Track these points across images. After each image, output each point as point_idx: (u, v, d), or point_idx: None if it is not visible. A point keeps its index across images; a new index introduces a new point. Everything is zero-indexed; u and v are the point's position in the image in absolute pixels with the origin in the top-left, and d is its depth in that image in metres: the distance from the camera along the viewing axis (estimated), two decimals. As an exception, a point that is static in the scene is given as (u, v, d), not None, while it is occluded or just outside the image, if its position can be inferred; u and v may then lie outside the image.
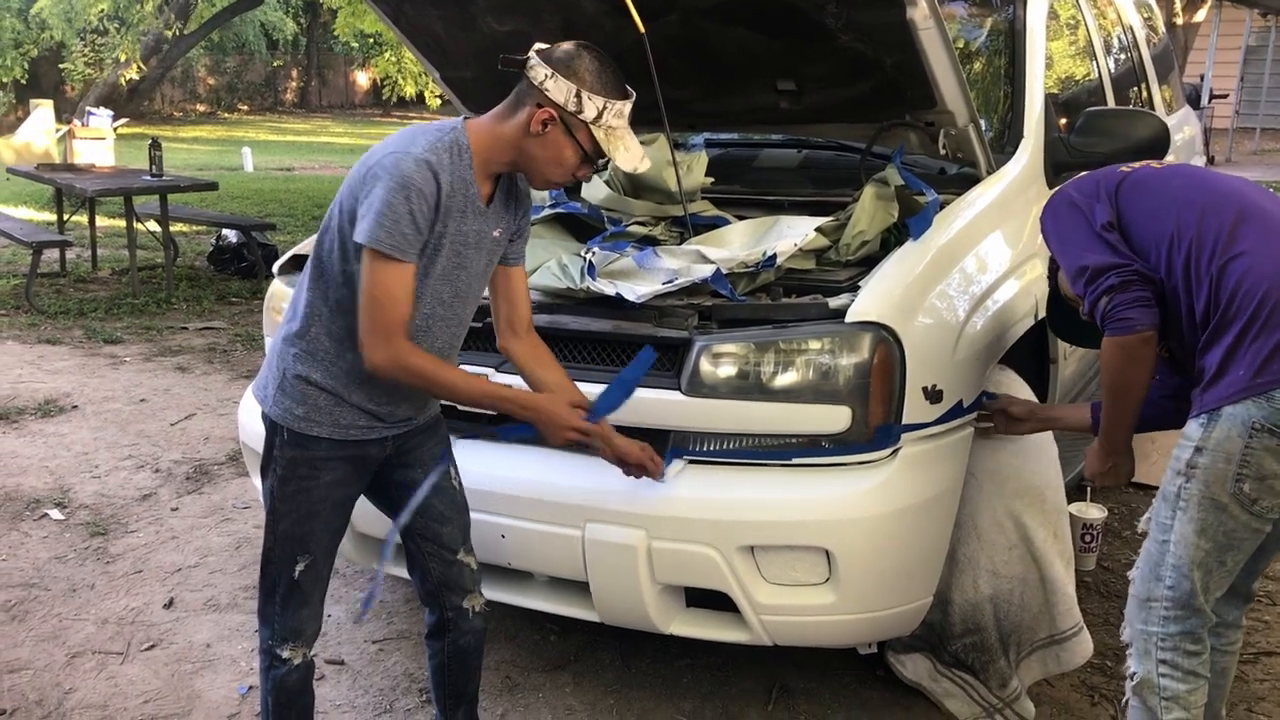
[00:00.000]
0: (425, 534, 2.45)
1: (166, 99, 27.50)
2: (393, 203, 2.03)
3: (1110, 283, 2.19)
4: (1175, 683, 2.23)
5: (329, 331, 2.21)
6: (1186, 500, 2.17)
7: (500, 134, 2.18)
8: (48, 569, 3.76)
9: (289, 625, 2.37)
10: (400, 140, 2.12)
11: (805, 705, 2.96)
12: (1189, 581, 2.19)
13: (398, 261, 2.07)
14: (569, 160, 2.19)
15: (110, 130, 10.06)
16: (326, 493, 2.29)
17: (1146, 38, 5.22)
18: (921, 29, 2.70)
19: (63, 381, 5.85)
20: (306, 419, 2.23)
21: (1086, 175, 2.45)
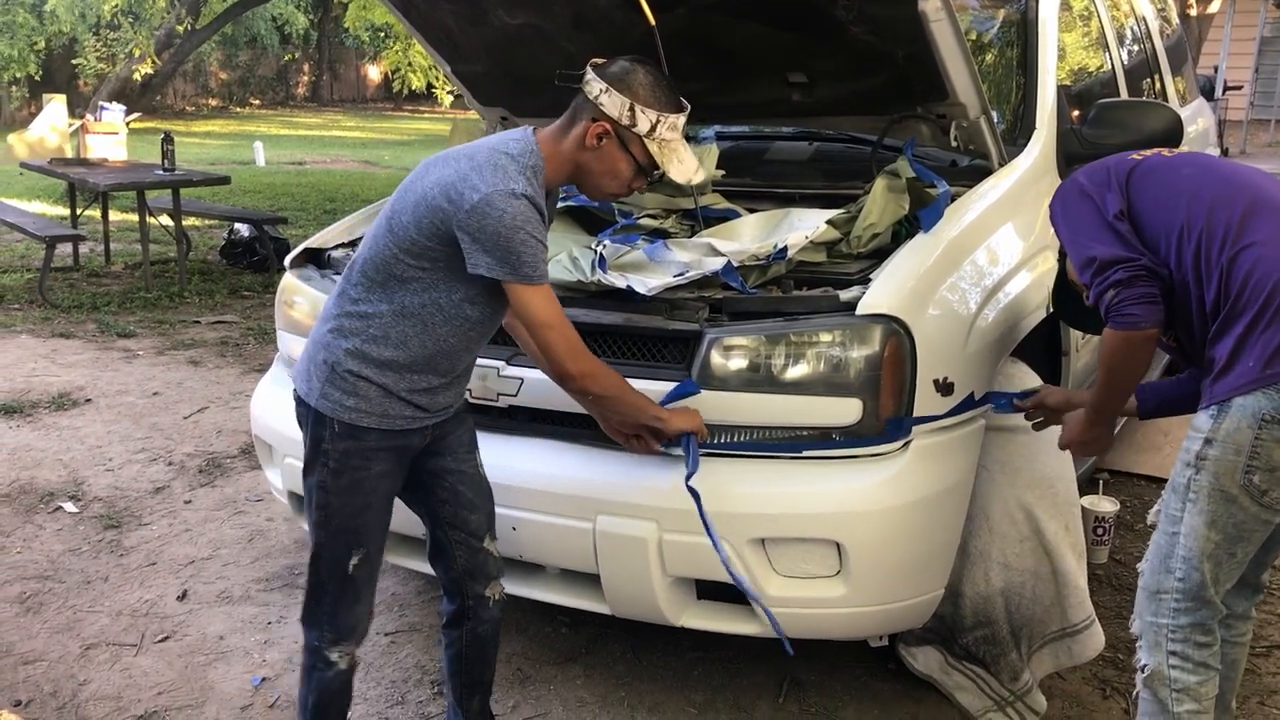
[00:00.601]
0: (453, 521, 2.47)
1: (178, 93, 27.58)
2: (523, 239, 2.10)
3: (1118, 277, 2.18)
4: (1186, 674, 2.23)
5: (388, 334, 2.23)
6: (1196, 492, 2.16)
7: (560, 150, 2.24)
8: (62, 561, 3.78)
9: (342, 624, 2.37)
10: (494, 172, 2.13)
11: (816, 698, 2.96)
12: (1199, 573, 2.19)
13: (545, 284, 2.17)
14: (624, 173, 2.26)
15: (123, 125, 10.12)
16: (377, 484, 2.31)
17: (1160, 29, 5.20)
18: (933, 21, 2.68)
19: (76, 375, 5.87)
20: (357, 410, 2.24)
21: (1098, 163, 2.43)
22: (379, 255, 2.24)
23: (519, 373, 2.67)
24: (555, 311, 2.20)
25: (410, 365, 2.25)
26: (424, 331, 2.24)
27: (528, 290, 2.15)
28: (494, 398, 2.71)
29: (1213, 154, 5.92)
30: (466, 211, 2.10)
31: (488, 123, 4.08)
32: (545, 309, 2.18)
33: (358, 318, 2.25)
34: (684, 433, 2.43)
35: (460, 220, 2.11)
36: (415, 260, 2.19)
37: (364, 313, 2.24)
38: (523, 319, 2.22)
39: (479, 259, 2.13)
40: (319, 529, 2.32)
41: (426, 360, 2.26)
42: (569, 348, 2.21)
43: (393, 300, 2.23)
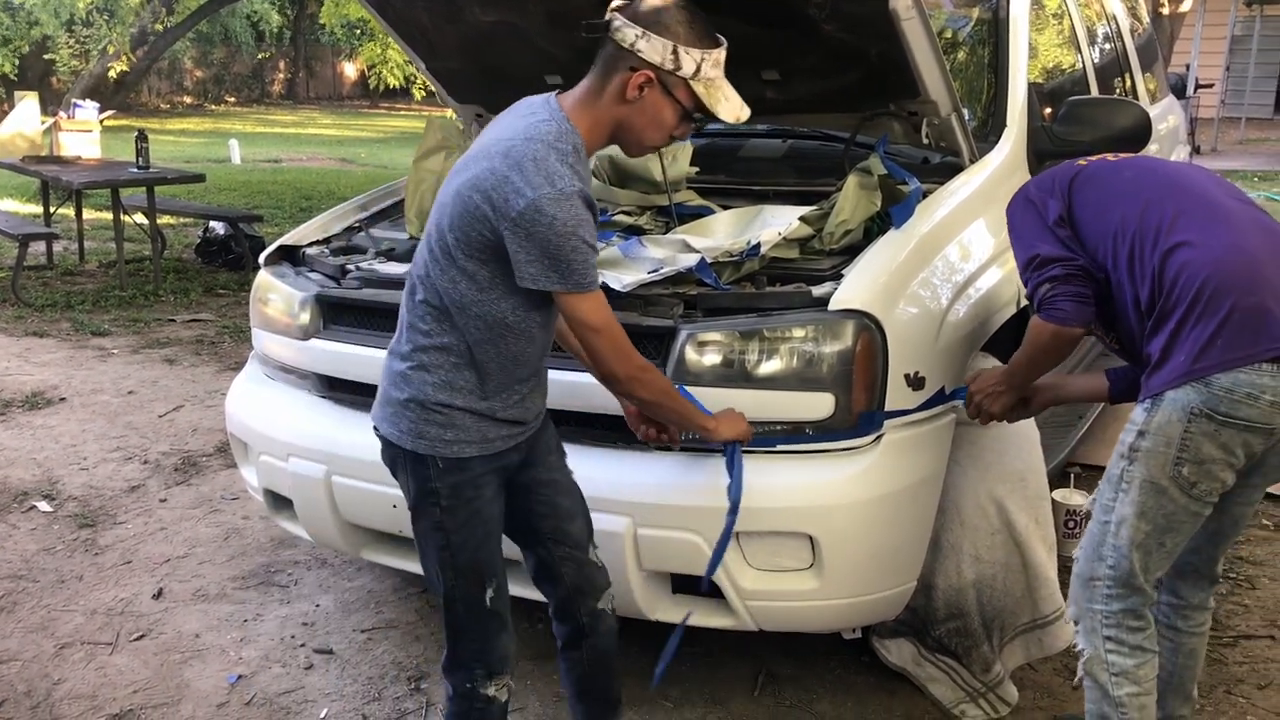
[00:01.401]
0: (556, 535, 2.34)
1: (153, 91, 27.39)
2: (574, 245, 1.96)
3: (1054, 273, 2.29)
4: (1122, 658, 2.28)
5: (469, 362, 2.11)
6: (1128, 482, 2.22)
7: (596, 113, 2.08)
8: (36, 561, 3.76)
9: (494, 657, 2.25)
10: (535, 169, 1.95)
11: (791, 691, 2.99)
12: (1128, 561, 2.24)
13: (597, 290, 2.04)
14: (668, 121, 2.10)
15: (96, 122, 10.02)
16: (490, 510, 2.20)
17: (1130, 27, 5.25)
18: (904, 19, 2.71)
19: (50, 374, 5.84)
20: (458, 441, 2.12)
21: (1046, 172, 2.51)
22: (435, 282, 2.09)
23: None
24: (605, 315, 2.07)
25: (498, 387, 2.13)
26: (500, 353, 2.11)
27: (576, 298, 2.02)
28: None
29: (1182, 152, 5.98)
30: (512, 219, 1.95)
31: (463, 120, 4.08)
32: (594, 313, 2.04)
33: (434, 351, 2.11)
34: (730, 441, 2.37)
35: (506, 227, 1.96)
36: (471, 279, 2.05)
37: (439, 345, 2.10)
38: (571, 324, 2.09)
39: (525, 270, 1.98)
40: (446, 570, 2.18)
41: (511, 376, 2.15)
42: (617, 351, 2.09)
43: (461, 328, 2.09)
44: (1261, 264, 2.14)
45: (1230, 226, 2.20)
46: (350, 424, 2.94)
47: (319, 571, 3.69)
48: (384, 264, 3.14)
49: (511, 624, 2.29)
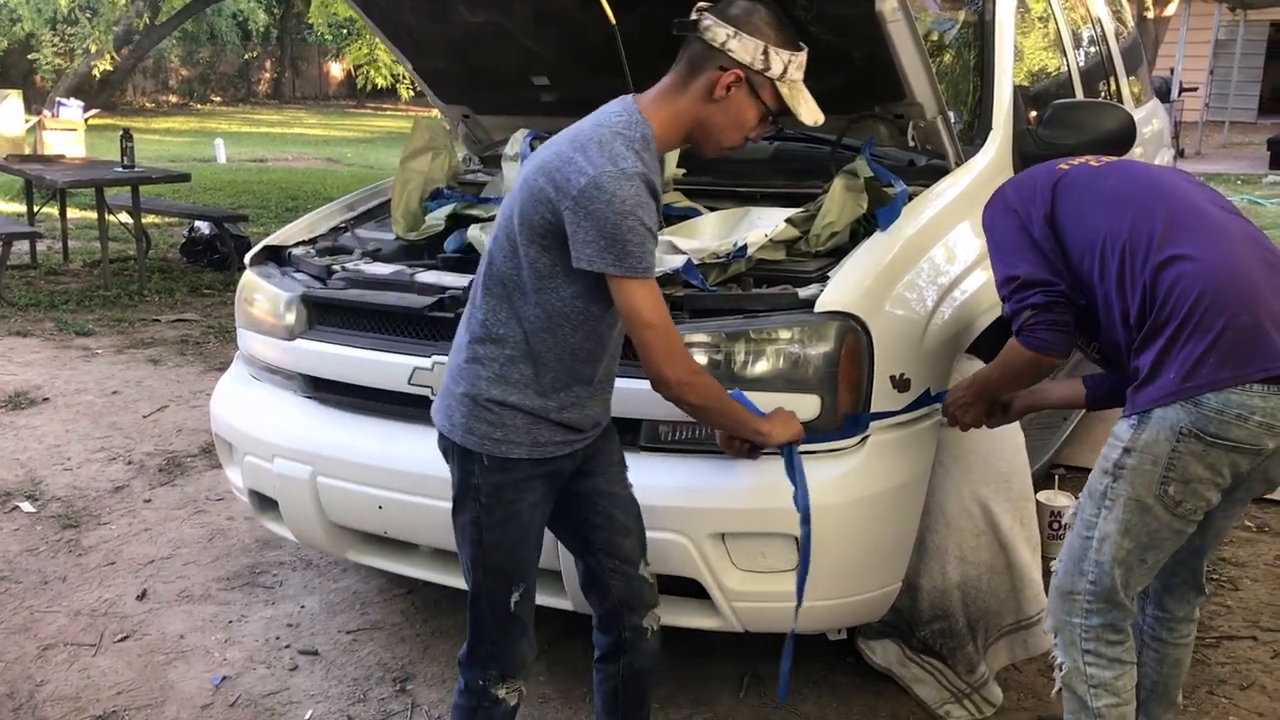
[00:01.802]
0: (609, 549, 2.32)
1: (138, 90, 27.29)
2: (630, 226, 1.93)
3: (1036, 300, 2.24)
4: (1101, 670, 2.27)
5: (526, 354, 2.09)
6: (1113, 500, 2.19)
7: (676, 110, 2.08)
8: (19, 561, 3.74)
9: (510, 661, 2.24)
10: (599, 151, 1.96)
11: (776, 691, 2.99)
12: (1110, 578, 2.22)
13: (651, 279, 2.00)
14: (750, 122, 2.11)
15: (81, 121, 9.96)
16: (531, 515, 2.18)
17: (1115, 31, 5.27)
18: (890, 22, 2.72)
19: (34, 374, 5.81)
20: (506, 441, 2.10)
21: (1025, 175, 2.46)
22: (498, 269, 2.09)
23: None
24: (659, 310, 2.01)
25: (555, 383, 2.11)
26: (558, 344, 2.08)
27: (630, 284, 1.97)
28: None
29: (1166, 155, 6.01)
30: (573, 197, 1.94)
31: (450, 120, 4.08)
32: (648, 305, 2.00)
33: (490, 342, 2.10)
34: (786, 443, 2.31)
35: (566, 206, 1.95)
36: (531, 265, 2.04)
37: (496, 335, 2.09)
38: (622, 315, 2.04)
39: (581, 250, 1.96)
40: (476, 567, 2.18)
41: (568, 372, 2.12)
42: (669, 351, 2.04)
43: (520, 316, 2.07)
44: (1255, 282, 2.10)
45: (1223, 239, 2.16)
46: (336, 425, 2.94)
47: (304, 573, 3.68)
48: (370, 264, 3.14)
49: (533, 632, 2.28)
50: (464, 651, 2.27)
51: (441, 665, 3.11)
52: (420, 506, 2.76)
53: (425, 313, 2.78)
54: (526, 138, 3.40)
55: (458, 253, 3.15)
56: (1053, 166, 2.41)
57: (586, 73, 3.53)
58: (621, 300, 2.00)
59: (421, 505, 2.75)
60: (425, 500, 2.74)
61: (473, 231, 3.06)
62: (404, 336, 2.85)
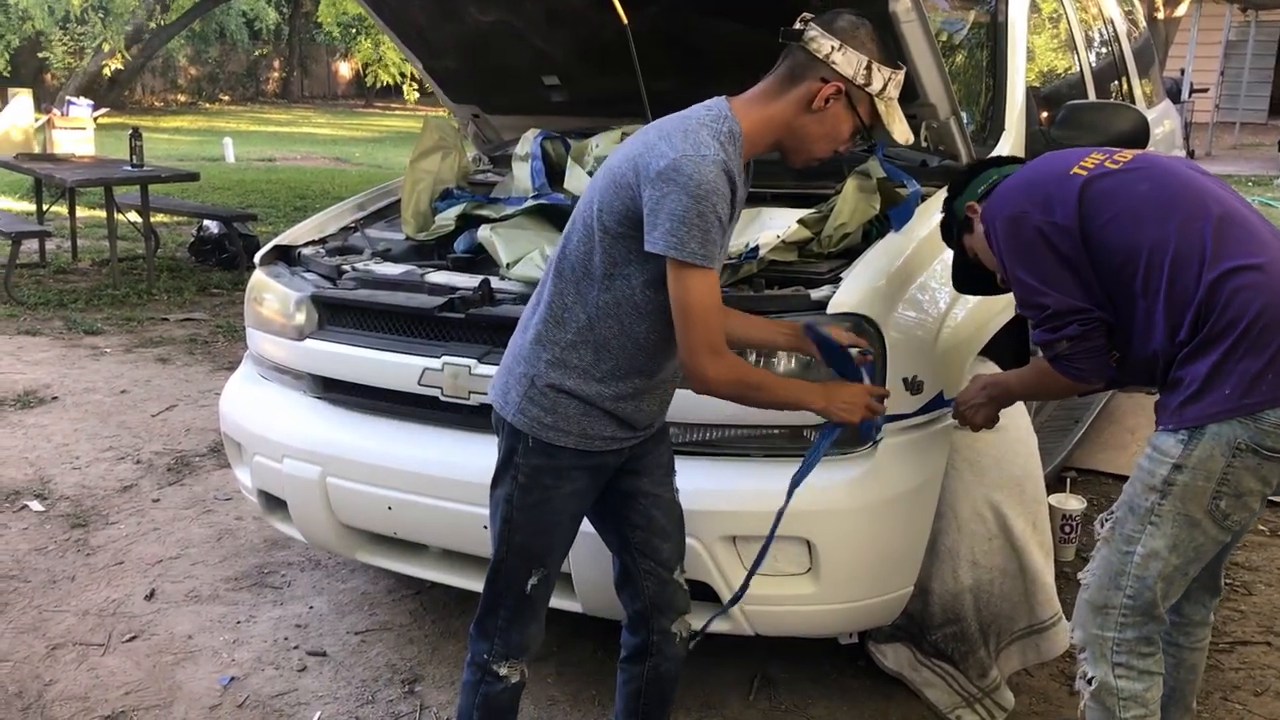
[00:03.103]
0: (645, 549, 2.32)
1: (147, 89, 27.33)
2: (702, 211, 1.93)
3: (1072, 331, 2.18)
4: (1132, 683, 2.24)
5: (588, 339, 2.09)
6: (1160, 516, 2.15)
7: (771, 115, 2.08)
8: (28, 560, 3.74)
9: (514, 641, 2.26)
10: (683, 138, 1.97)
11: (786, 695, 2.98)
12: (1151, 592, 2.19)
13: (709, 270, 1.98)
14: (843, 135, 2.12)
15: (90, 120, 9.98)
16: (565, 504, 2.19)
17: (1127, 32, 5.25)
18: (904, 22, 2.70)
19: (43, 372, 5.81)
20: (555, 428, 2.12)
21: (1030, 179, 2.32)
22: (571, 254, 2.10)
23: (490, 371, 2.66)
24: (708, 303, 1.99)
25: (614, 371, 2.11)
26: (622, 332, 2.09)
27: (688, 271, 1.96)
28: (466, 396, 2.70)
29: (1177, 154, 5.99)
30: (651, 179, 1.95)
31: (459, 120, 4.07)
32: (699, 295, 1.98)
33: (555, 324, 2.11)
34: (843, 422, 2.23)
35: (645, 188, 1.96)
36: (606, 252, 2.05)
37: (561, 318, 2.10)
38: (672, 300, 2.01)
39: (652, 233, 1.96)
40: (501, 542, 2.21)
41: (629, 362, 2.11)
42: (705, 345, 2.01)
43: (587, 301, 2.08)
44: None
45: (1272, 250, 2.11)
46: (346, 425, 2.94)
47: (312, 573, 3.67)
48: (380, 264, 3.13)
49: (543, 621, 2.29)
50: (474, 622, 2.30)
51: (450, 666, 3.10)
52: (429, 508, 2.75)
53: (435, 313, 2.77)
54: (537, 138, 3.39)
55: (468, 253, 3.14)
56: (1063, 170, 2.28)
57: (597, 72, 3.53)
58: (675, 286, 1.99)
59: (431, 506, 2.75)
60: (434, 501, 2.74)
61: (483, 232, 3.04)
62: (414, 337, 2.84)
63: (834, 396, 2.21)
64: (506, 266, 2.88)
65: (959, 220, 2.48)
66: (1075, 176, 2.25)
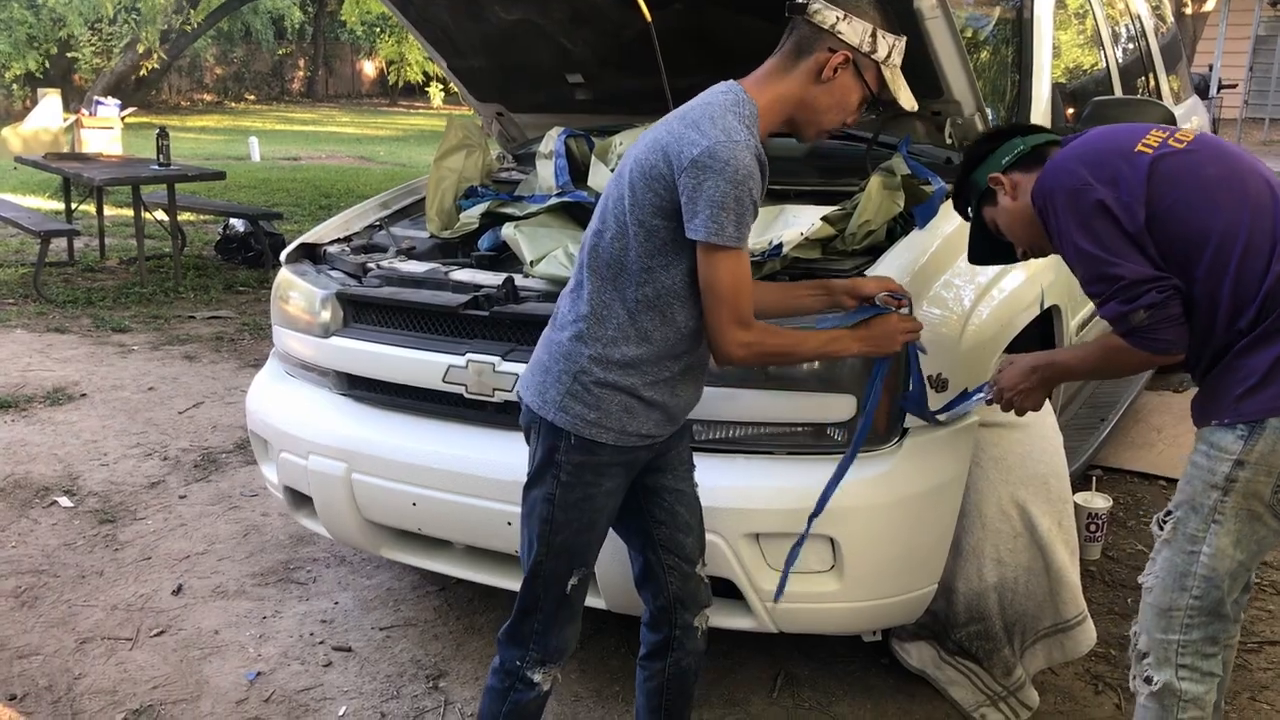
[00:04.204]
0: (668, 544, 2.33)
1: (173, 88, 27.52)
2: (739, 196, 1.96)
3: (1152, 299, 2.08)
4: (1194, 685, 2.21)
5: (629, 333, 2.10)
6: (1222, 514, 2.12)
7: (782, 91, 2.10)
8: (57, 556, 3.78)
9: (553, 645, 2.25)
10: (712, 124, 1.99)
11: (809, 693, 2.97)
12: (1219, 591, 2.16)
13: (741, 250, 2.02)
14: (852, 104, 2.14)
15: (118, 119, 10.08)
16: (605, 502, 2.19)
17: (1154, 27, 5.21)
18: (929, 18, 2.69)
19: (71, 370, 5.87)
20: (597, 425, 2.12)
21: (1093, 150, 2.22)
22: (607, 249, 2.10)
23: (514, 368, 2.67)
24: (740, 282, 2.03)
25: (654, 357, 2.11)
26: (665, 322, 2.10)
27: (723, 254, 1.99)
28: (490, 393, 2.71)
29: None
30: (686, 168, 1.97)
31: (484, 118, 4.08)
32: (730, 277, 2.01)
33: (595, 321, 2.11)
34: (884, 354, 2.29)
35: (680, 178, 1.98)
36: (642, 245, 2.05)
37: (600, 314, 2.10)
38: (703, 282, 2.04)
39: (693, 220, 1.98)
40: (540, 543, 2.18)
41: (671, 349, 2.12)
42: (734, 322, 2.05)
43: (626, 296, 2.09)
44: None
45: None
46: (371, 422, 2.95)
47: (338, 569, 3.69)
48: (404, 262, 3.14)
49: (580, 622, 2.29)
50: (506, 628, 2.27)
51: (474, 663, 3.12)
52: (454, 504, 2.76)
53: (460, 311, 2.78)
54: (561, 135, 3.39)
55: (492, 251, 3.15)
56: (1128, 146, 2.19)
57: (621, 70, 3.53)
58: (707, 268, 2.02)
59: (455, 503, 2.76)
60: (459, 498, 2.75)
61: (507, 230, 3.06)
62: (439, 334, 2.85)
63: (867, 335, 2.26)
64: (530, 264, 2.89)
65: (979, 191, 2.41)
66: (1141, 154, 2.17)
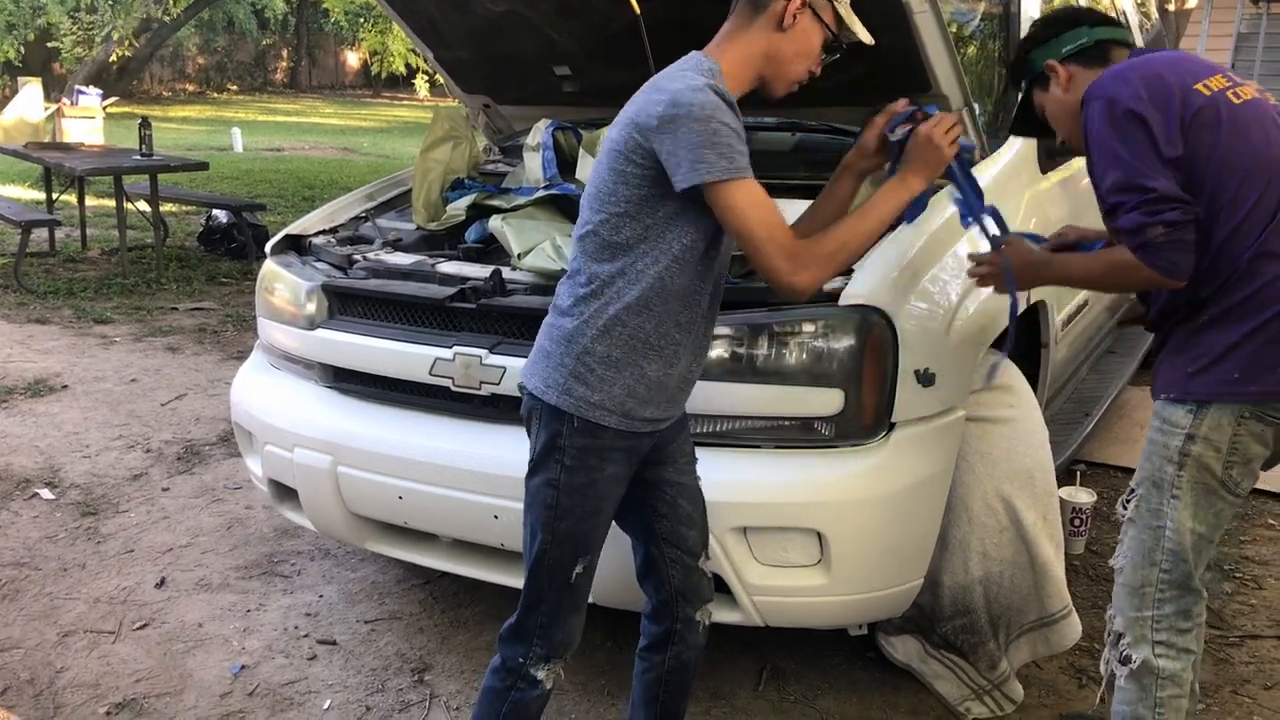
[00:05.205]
0: (671, 538, 2.31)
1: (155, 78, 27.36)
2: (714, 129, 1.93)
3: (1172, 217, 2.05)
4: (1171, 662, 2.25)
5: (631, 308, 2.06)
6: (1180, 488, 2.18)
7: (748, 51, 2.11)
8: (38, 548, 3.75)
9: (557, 639, 2.21)
10: (671, 81, 2.00)
11: (795, 686, 2.98)
12: (1186, 564, 2.21)
13: (746, 179, 1.97)
14: (815, 48, 2.14)
15: (99, 109, 10.00)
16: (609, 488, 2.16)
17: (1139, 23, 5.22)
18: (917, 12, 2.70)
19: (52, 361, 5.83)
20: (600, 406, 2.09)
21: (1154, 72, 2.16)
22: (598, 228, 2.07)
23: (501, 361, 2.66)
24: (764, 211, 1.98)
25: (656, 329, 2.08)
26: (663, 290, 2.06)
27: (727, 187, 1.95)
28: (477, 386, 2.70)
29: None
30: (656, 128, 1.95)
31: (470, 110, 4.07)
32: (752, 207, 1.97)
33: (594, 299, 2.08)
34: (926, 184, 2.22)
35: (655, 138, 1.96)
36: (634, 219, 2.03)
37: (599, 293, 2.08)
38: (728, 225, 2.00)
39: (677, 171, 1.95)
40: (545, 530, 2.14)
41: (672, 318, 2.09)
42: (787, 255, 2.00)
43: (624, 271, 2.06)
44: None
45: None
46: (357, 414, 2.94)
47: (322, 562, 3.68)
48: (391, 254, 3.13)
49: (584, 615, 2.27)
50: (509, 625, 2.22)
51: (460, 656, 3.11)
52: (440, 497, 2.76)
53: (446, 303, 2.77)
54: (548, 128, 3.38)
55: (479, 243, 3.14)
56: (1189, 81, 2.15)
57: (609, 62, 3.52)
58: (723, 207, 1.98)
59: (442, 496, 2.75)
60: (445, 491, 2.74)
61: (494, 222, 3.04)
62: (425, 327, 2.84)
63: (913, 164, 2.21)
64: (518, 256, 2.88)
65: (1034, 73, 2.39)
66: (1197, 94, 2.14)
